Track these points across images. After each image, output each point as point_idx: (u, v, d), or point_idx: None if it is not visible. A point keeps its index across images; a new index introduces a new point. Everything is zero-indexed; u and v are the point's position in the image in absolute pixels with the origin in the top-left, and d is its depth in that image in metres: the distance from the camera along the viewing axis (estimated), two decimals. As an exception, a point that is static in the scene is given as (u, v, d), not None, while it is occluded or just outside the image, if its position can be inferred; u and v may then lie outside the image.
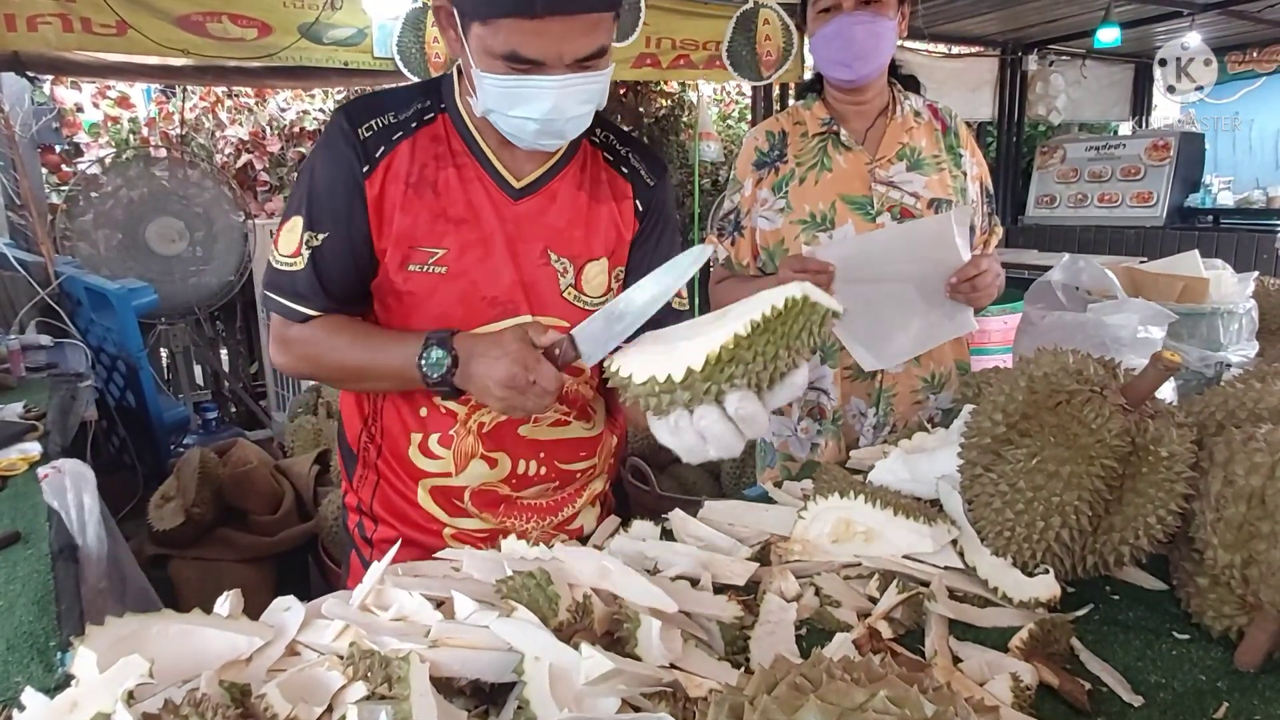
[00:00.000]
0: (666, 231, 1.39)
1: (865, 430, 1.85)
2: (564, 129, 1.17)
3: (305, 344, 1.26)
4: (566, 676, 0.76)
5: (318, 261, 1.22)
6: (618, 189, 1.34)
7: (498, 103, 1.14)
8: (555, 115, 1.13)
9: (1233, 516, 0.88)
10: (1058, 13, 5.84)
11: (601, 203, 1.32)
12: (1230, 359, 1.64)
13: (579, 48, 1.08)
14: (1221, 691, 0.86)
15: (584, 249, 1.30)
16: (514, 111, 1.13)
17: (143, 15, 3.45)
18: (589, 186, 1.32)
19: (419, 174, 1.23)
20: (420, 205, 1.23)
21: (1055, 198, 7.00)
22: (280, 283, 1.25)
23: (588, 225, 1.30)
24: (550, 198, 1.28)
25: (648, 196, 1.36)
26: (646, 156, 1.38)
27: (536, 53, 1.07)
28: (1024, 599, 0.97)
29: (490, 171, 1.26)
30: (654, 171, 1.37)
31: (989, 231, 1.94)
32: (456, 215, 1.24)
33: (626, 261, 1.36)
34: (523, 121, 1.14)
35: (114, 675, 0.73)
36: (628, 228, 1.34)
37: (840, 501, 1.11)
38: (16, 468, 1.73)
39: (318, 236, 1.22)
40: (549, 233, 1.28)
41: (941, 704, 0.56)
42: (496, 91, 1.12)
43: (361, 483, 1.41)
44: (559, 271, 1.28)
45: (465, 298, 1.25)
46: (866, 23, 1.67)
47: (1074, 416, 0.95)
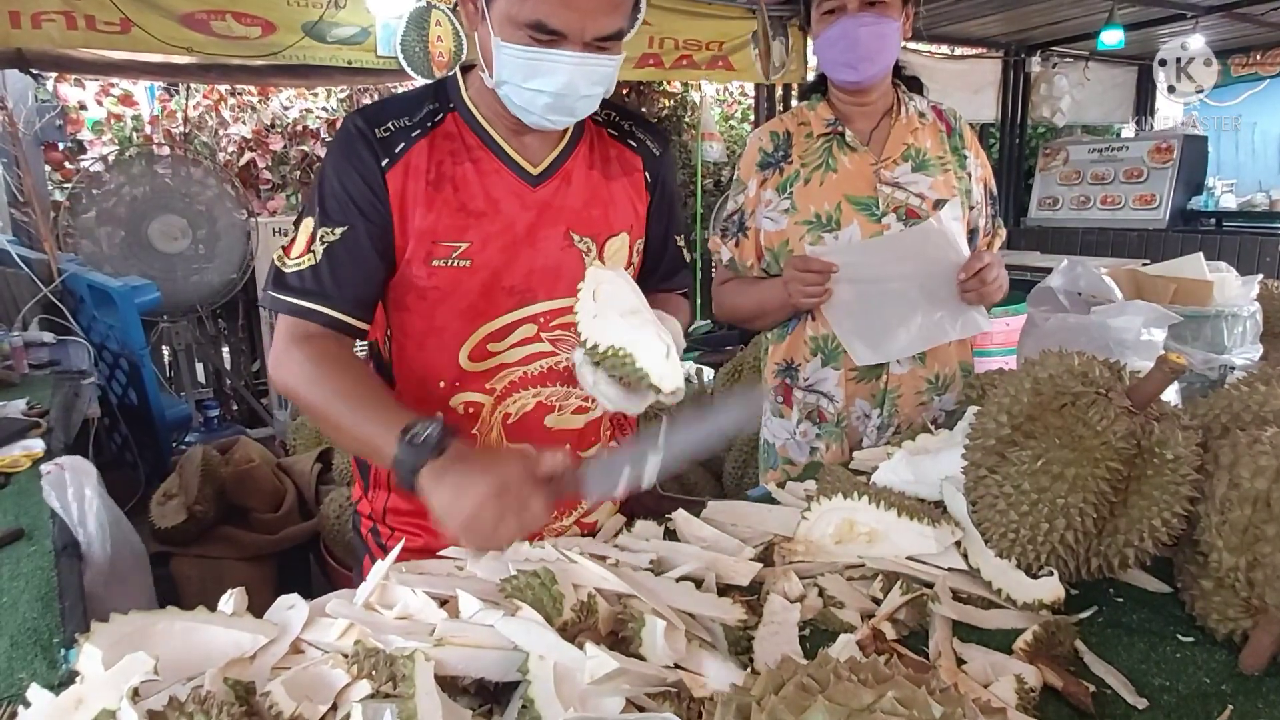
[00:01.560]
0: (671, 196, 1.45)
1: (869, 431, 1.84)
2: (575, 106, 1.19)
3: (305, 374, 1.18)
4: (571, 676, 0.76)
5: (337, 256, 1.21)
6: (627, 163, 1.38)
7: (514, 74, 1.16)
8: (568, 91, 1.16)
9: (1238, 519, 0.87)
10: (1061, 15, 5.84)
11: (614, 179, 1.36)
12: (1234, 362, 1.64)
13: (601, 25, 1.12)
14: (1226, 695, 0.85)
15: (604, 226, 1.33)
16: (530, 83, 1.15)
17: (147, 13, 3.45)
18: (600, 165, 1.35)
19: (437, 171, 1.24)
20: (441, 201, 1.24)
21: (1058, 200, 7.00)
22: (286, 281, 1.22)
23: (605, 203, 1.34)
24: (566, 180, 1.31)
25: (655, 166, 1.40)
26: (648, 128, 1.43)
27: (562, 24, 1.10)
28: (1028, 601, 0.97)
29: (507, 161, 1.28)
30: (658, 142, 1.42)
31: (992, 233, 1.94)
32: (477, 209, 1.25)
33: (644, 233, 1.40)
34: (536, 94, 1.17)
35: (119, 672, 0.73)
36: (641, 200, 1.39)
37: (844, 502, 1.11)
38: (20, 465, 1.73)
39: (335, 231, 1.21)
40: (569, 214, 1.30)
41: (949, 705, 0.56)
42: (515, 62, 1.14)
43: (374, 496, 1.41)
44: (583, 252, 1.31)
45: (487, 289, 1.27)
46: (871, 24, 1.67)
47: (1079, 419, 0.95)
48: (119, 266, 3.85)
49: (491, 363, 1.30)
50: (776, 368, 1.92)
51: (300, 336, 1.20)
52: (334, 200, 1.21)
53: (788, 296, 1.73)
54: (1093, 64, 7.08)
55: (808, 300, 1.72)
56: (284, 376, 1.20)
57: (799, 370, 1.88)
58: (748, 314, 1.91)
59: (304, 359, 1.18)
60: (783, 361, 1.91)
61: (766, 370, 1.97)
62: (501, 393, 1.32)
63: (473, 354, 1.29)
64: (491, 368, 1.31)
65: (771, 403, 1.95)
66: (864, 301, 1.75)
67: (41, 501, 1.52)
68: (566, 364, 1.32)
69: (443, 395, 1.31)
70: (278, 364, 1.20)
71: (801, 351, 1.86)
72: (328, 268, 1.21)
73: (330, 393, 1.15)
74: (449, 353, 1.29)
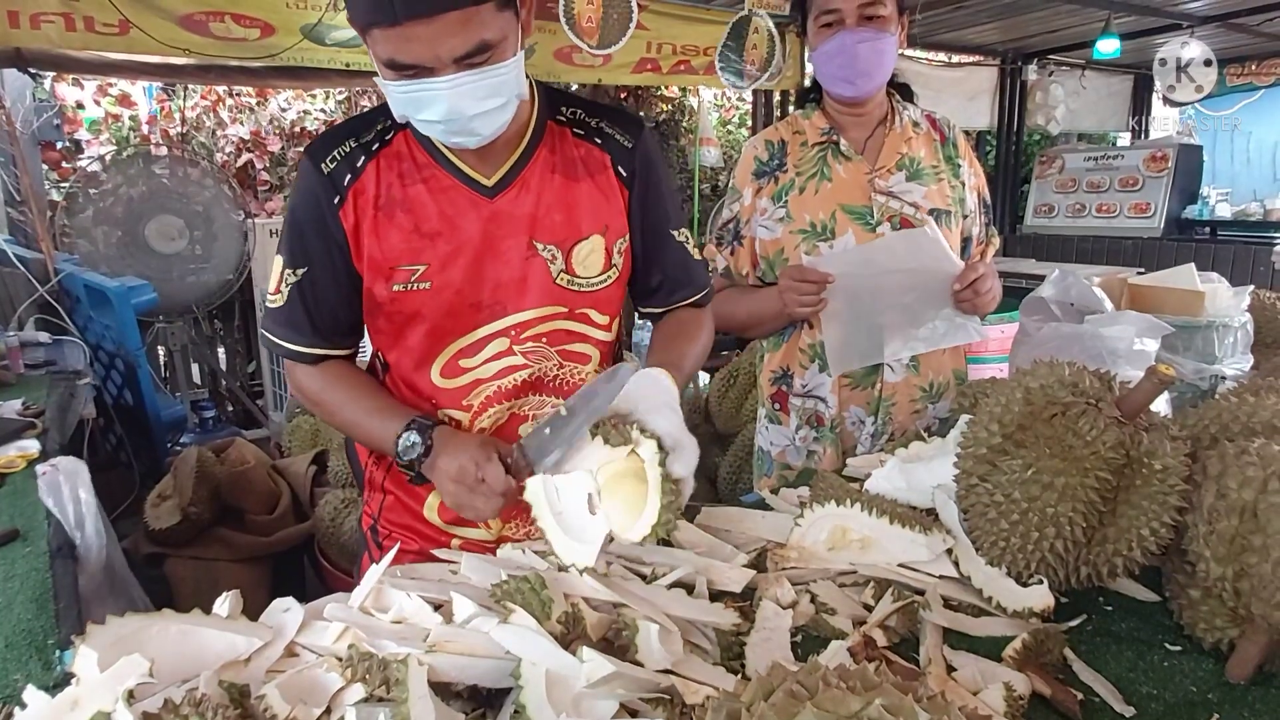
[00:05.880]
0: (656, 186, 1.36)
1: (864, 438, 1.85)
2: (472, 126, 1.14)
3: (313, 391, 1.33)
4: (563, 681, 0.77)
5: (302, 296, 1.27)
6: (593, 162, 1.31)
7: (404, 109, 1.14)
8: (455, 115, 1.11)
9: (1225, 530, 0.88)
10: (1058, 23, 5.87)
11: (578, 180, 1.30)
12: (1225, 372, 1.65)
13: (453, 47, 1.06)
14: (1212, 703, 0.86)
15: (569, 232, 1.29)
16: (420, 115, 1.14)
17: (146, 14, 3.45)
18: (563, 167, 1.29)
19: (386, 194, 1.23)
20: (391, 226, 1.23)
21: (1053, 207, 7.03)
22: (274, 318, 1.30)
23: (567, 207, 1.29)
24: (524, 187, 1.27)
25: (628, 159, 1.32)
26: (620, 120, 1.35)
27: (411, 58, 1.06)
28: (1018, 609, 0.98)
29: (459, 176, 1.25)
30: (630, 132, 1.33)
31: (986, 242, 1.95)
32: (431, 229, 1.24)
33: (629, 230, 1.35)
34: (430, 125, 1.15)
35: (115, 674, 0.73)
36: (616, 197, 1.32)
37: (837, 509, 1.11)
38: (15, 465, 1.73)
39: (296, 272, 1.26)
40: (529, 222, 1.27)
41: (936, 712, 0.57)
42: (399, 97, 1.13)
43: (369, 500, 1.45)
44: (548, 259, 1.28)
45: (452, 309, 1.26)
46: (869, 40, 1.68)
47: (1069, 428, 0.96)
48: (115, 266, 3.84)
49: (466, 379, 1.30)
50: (773, 375, 1.93)
51: (303, 366, 1.33)
52: (295, 242, 1.26)
53: (783, 306, 1.74)
54: (1089, 72, 7.12)
55: (803, 310, 1.73)
56: (299, 396, 1.37)
57: (795, 378, 1.88)
58: (743, 322, 1.91)
59: (309, 382, 1.33)
60: (779, 369, 1.91)
61: (763, 378, 1.98)
62: (478, 409, 1.31)
63: (444, 371, 1.30)
64: (466, 384, 1.31)
65: (768, 410, 1.96)
66: (858, 310, 1.76)
67: (37, 502, 1.52)
68: (539, 374, 1.33)
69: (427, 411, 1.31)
70: (290, 381, 1.37)
71: (798, 359, 1.87)
72: (297, 307, 1.27)
73: (335, 408, 1.32)
74: (422, 371, 1.31)
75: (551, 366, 1.33)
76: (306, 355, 1.31)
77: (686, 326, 1.41)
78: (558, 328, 1.31)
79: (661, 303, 1.43)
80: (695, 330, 1.41)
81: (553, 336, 1.31)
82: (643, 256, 1.38)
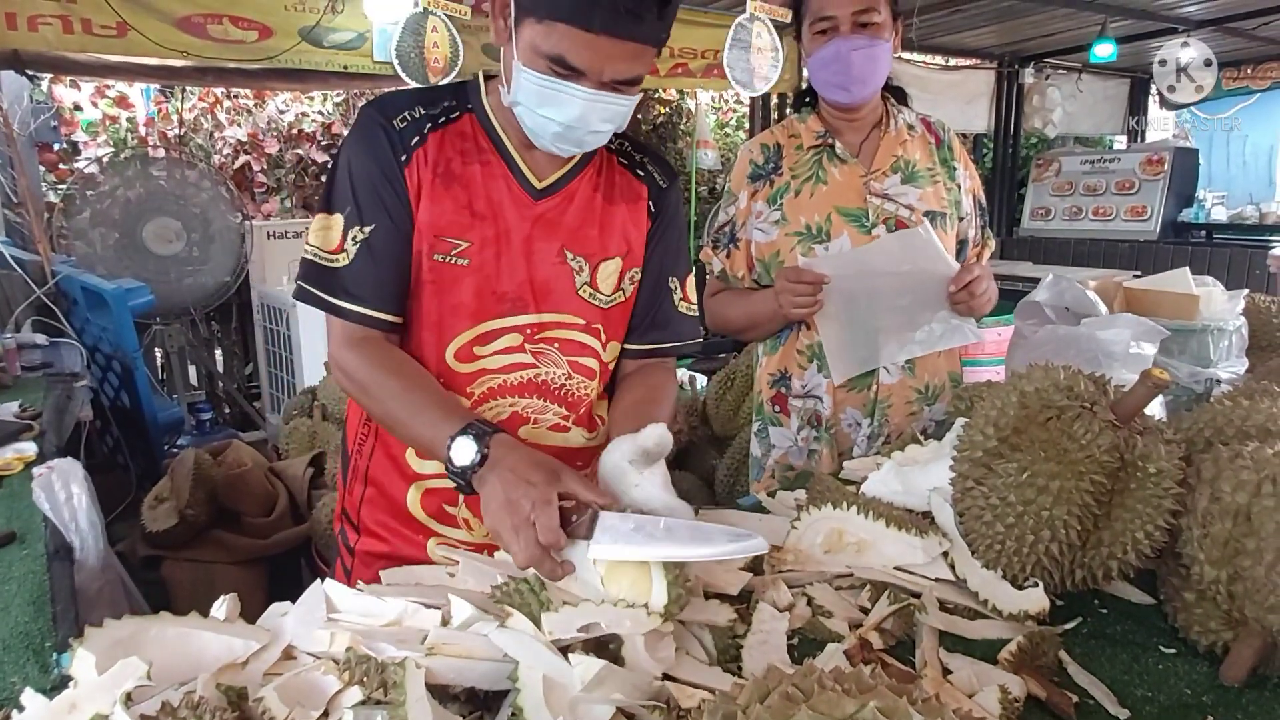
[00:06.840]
0: (673, 231, 1.44)
1: (860, 440, 1.86)
2: (584, 139, 1.21)
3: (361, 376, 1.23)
4: (561, 685, 0.77)
5: (372, 253, 1.23)
6: (632, 191, 1.39)
7: (529, 98, 1.17)
8: (579, 124, 1.17)
9: (1219, 533, 0.89)
10: (1054, 27, 5.89)
11: (615, 204, 1.36)
12: (1220, 375, 1.66)
13: (620, 70, 1.14)
14: (1206, 706, 0.87)
15: (598, 248, 1.34)
16: (542, 110, 1.17)
17: (143, 16, 3.46)
18: (604, 189, 1.36)
19: (446, 166, 1.26)
20: (446, 197, 1.25)
21: (1050, 210, 7.05)
22: (326, 281, 1.23)
23: (602, 225, 1.35)
24: (568, 198, 1.32)
25: (660, 198, 1.41)
26: (660, 163, 1.45)
27: (582, 63, 1.12)
28: (1013, 611, 0.98)
29: (514, 170, 1.29)
30: (667, 175, 1.43)
31: (981, 244, 1.96)
32: (480, 210, 1.27)
33: (642, 262, 1.40)
34: (547, 121, 1.18)
35: (113, 677, 0.73)
36: (640, 227, 1.39)
37: (833, 512, 1.12)
38: (12, 467, 1.73)
39: (364, 229, 1.23)
40: (565, 232, 1.31)
41: (930, 715, 0.57)
42: (531, 87, 1.16)
43: (350, 491, 1.42)
44: (574, 270, 1.32)
45: (480, 291, 1.28)
46: (864, 47, 1.68)
47: (1064, 432, 0.96)
48: (113, 268, 3.84)
49: (474, 366, 1.31)
50: (770, 378, 1.93)
51: (356, 340, 1.24)
52: (362, 196, 1.23)
53: (779, 308, 1.74)
54: (1085, 76, 7.15)
55: (799, 311, 1.73)
56: (340, 378, 1.28)
57: (794, 379, 1.89)
58: (739, 325, 1.92)
59: (358, 364, 1.23)
60: (776, 372, 1.92)
61: (760, 381, 1.98)
62: (480, 398, 1.32)
63: (459, 354, 1.30)
64: (474, 371, 1.31)
65: (767, 414, 1.96)
66: (854, 313, 1.76)
67: (33, 504, 1.52)
68: (545, 377, 1.33)
69: None
70: (335, 364, 1.27)
71: (795, 361, 1.88)
72: (368, 265, 1.23)
73: (385, 397, 1.21)
74: (437, 348, 1.30)
75: (560, 374, 1.34)
76: (379, 321, 1.24)
77: (657, 392, 1.38)
78: (572, 337, 1.34)
79: (635, 339, 1.43)
80: (664, 396, 1.38)
81: (565, 345, 1.34)
82: (641, 292, 1.42)
